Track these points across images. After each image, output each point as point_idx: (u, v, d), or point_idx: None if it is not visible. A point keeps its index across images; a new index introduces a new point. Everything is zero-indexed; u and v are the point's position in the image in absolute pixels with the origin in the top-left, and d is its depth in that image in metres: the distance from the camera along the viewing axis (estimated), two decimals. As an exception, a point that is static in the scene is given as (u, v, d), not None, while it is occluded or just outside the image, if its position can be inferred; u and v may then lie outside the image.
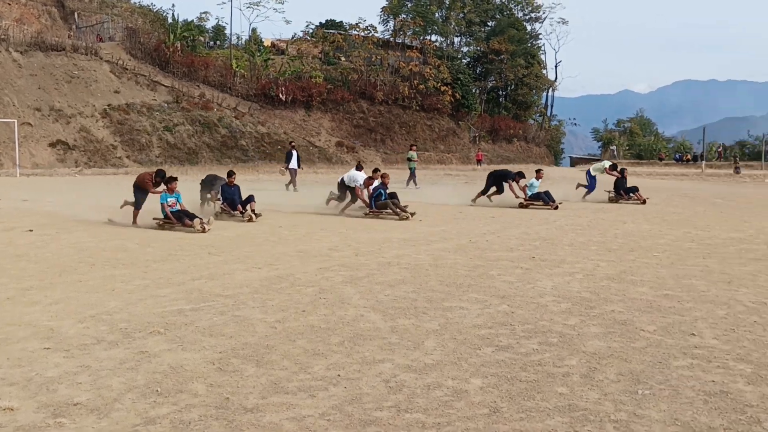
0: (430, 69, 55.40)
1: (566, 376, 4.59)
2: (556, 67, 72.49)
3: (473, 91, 60.69)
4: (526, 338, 5.50)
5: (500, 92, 66.54)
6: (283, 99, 47.87)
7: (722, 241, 11.63)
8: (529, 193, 18.37)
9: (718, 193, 25.81)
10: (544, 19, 69.53)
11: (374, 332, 5.66)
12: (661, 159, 59.18)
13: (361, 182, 16.14)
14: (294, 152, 25.82)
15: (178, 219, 12.81)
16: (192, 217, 12.81)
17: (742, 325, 5.93)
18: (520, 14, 69.04)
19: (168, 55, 46.09)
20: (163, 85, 43.66)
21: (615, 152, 62.83)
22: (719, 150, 59.07)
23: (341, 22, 63.58)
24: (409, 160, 29.12)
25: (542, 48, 69.43)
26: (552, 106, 71.51)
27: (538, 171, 19.72)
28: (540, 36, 69.37)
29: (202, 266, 8.87)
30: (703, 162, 50.69)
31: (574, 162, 67.73)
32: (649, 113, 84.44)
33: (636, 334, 5.63)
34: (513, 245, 11.08)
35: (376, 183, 16.05)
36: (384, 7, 63.64)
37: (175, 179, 13.49)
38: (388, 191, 15.88)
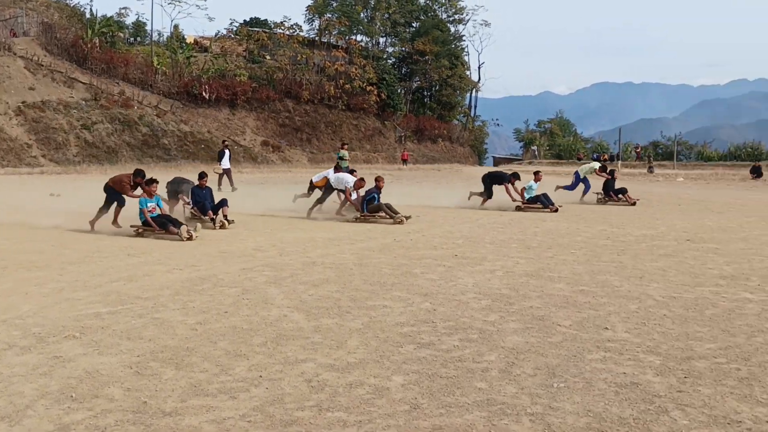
0: (356, 69, 55.49)
1: (485, 372, 4.70)
2: (479, 68, 73.30)
3: (399, 91, 61.11)
4: (448, 335, 5.60)
5: (425, 93, 67.14)
6: (207, 97, 47.11)
7: (635, 238, 12.09)
8: (527, 196, 17.63)
9: (633, 191, 26.74)
10: (467, 21, 70.47)
11: (297, 332, 5.65)
12: (579, 159, 60.77)
13: (352, 184, 15.21)
14: (226, 151, 25.55)
15: (160, 226, 11.66)
16: (178, 224, 11.68)
17: (652, 318, 6.18)
18: (444, 16, 69.78)
19: (86, 52, 44.69)
20: (81, 82, 42.32)
21: (536, 152, 64.25)
22: (638, 150, 61.04)
23: (266, 20, 63.05)
24: (341, 158, 29.33)
25: (466, 49, 70.31)
26: (475, 107, 72.62)
27: (536, 173, 18.67)
28: (463, 38, 70.21)
29: (121, 268, 8.67)
30: (619, 162, 52.42)
31: (497, 162, 68.89)
32: (568, 114, 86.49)
33: (552, 329, 5.80)
34: (436, 243, 11.23)
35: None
36: (309, 6, 63.37)
37: (156, 181, 12.24)
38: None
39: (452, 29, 68.92)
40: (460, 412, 3.97)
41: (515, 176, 17.86)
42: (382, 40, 67.06)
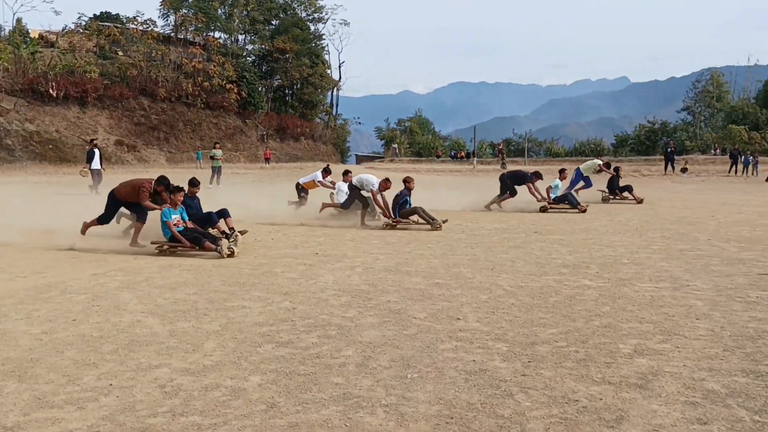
0: (215, 66, 54.37)
1: (342, 367, 4.77)
2: (339, 67, 73.99)
3: (259, 89, 60.46)
4: (306, 332, 5.64)
5: (286, 91, 66.86)
6: (54, 95, 44.55)
7: (488, 231, 12.63)
8: (553, 196, 17.17)
9: (488, 186, 27.82)
10: (327, 20, 70.87)
11: (151, 337, 5.50)
12: (438, 156, 62.65)
13: (377, 186, 13.64)
14: (96, 151, 24.14)
15: (193, 241, 9.82)
16: (214, 239, 9.95)
17: (501, 307, 6.50)
18: (304, 14, 69.78)
19: None
20: None
21: (397, 150, 65.51)
22: (499, 147, 63.54)
23: (117, 14, 60.43)
24: (212, 158, 28.80)
25: (326, 48, 70.79)
26: (337, 106, 73.16)
27: (561, 171, 18.18)
28: (323, 36, 70.61)
29: (-43, 278, 8.07)
30: (475, 159, 54.45)
31: (360, 160, 69.70)
32: (427, 113, 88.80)
33: (408, 321, 5.97)
34: (298, 242, 11.24)
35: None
36: (163, 1, 61.30)
37: (182, 189, 10.37)
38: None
39: (312, 28, 69.14)
40: (317, 408, 4.02)
41: (537, 175, 17.22)
42: (241, 37, 66.12)
